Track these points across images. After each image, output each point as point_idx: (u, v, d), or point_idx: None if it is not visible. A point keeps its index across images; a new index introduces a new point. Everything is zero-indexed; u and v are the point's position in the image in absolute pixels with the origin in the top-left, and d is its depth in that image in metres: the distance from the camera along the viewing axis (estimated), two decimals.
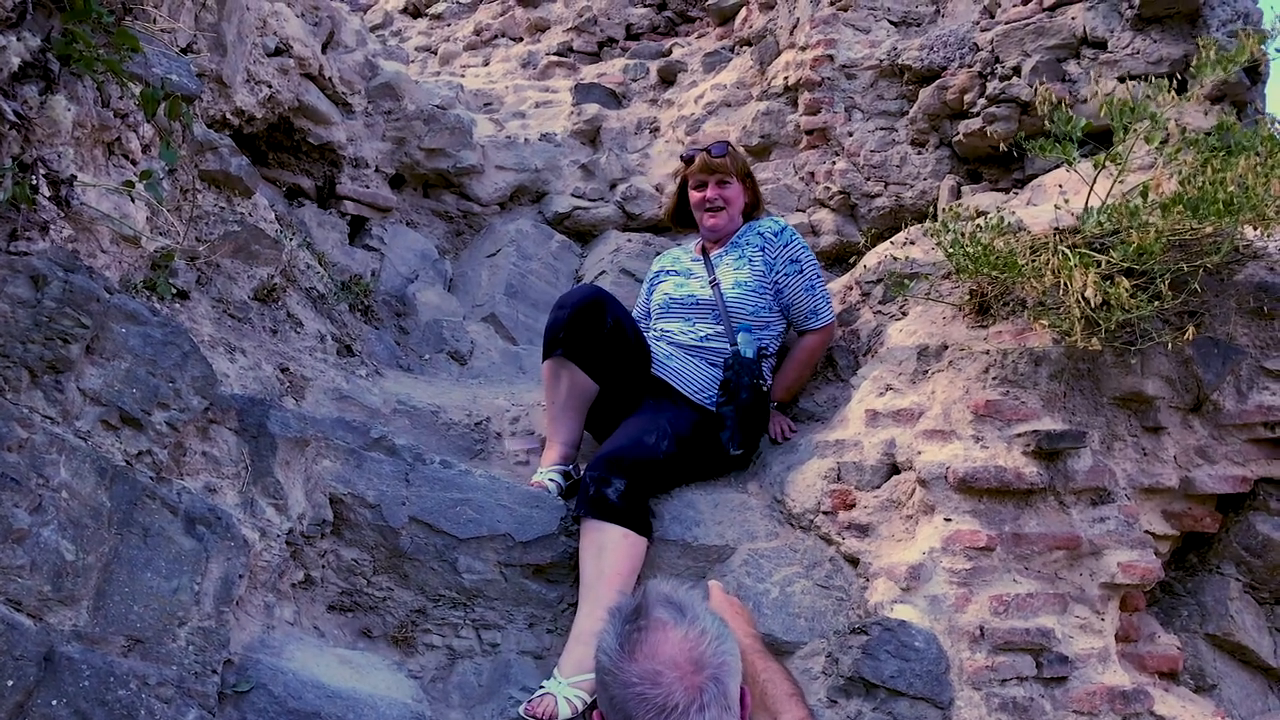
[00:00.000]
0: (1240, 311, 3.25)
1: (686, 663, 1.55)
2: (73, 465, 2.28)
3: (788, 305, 3.58)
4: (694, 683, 1.54)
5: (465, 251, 5.57)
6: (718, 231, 3.66)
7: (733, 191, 3.66)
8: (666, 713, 1.52)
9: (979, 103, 4.70)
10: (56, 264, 2.43)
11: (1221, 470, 3.23)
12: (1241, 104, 4.32)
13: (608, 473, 3.05)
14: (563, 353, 3.41)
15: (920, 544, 3.00)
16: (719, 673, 1.57)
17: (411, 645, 2.99)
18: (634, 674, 1.55)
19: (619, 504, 3.02)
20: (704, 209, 3.66)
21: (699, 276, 3.64)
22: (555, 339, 3.43)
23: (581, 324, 3.41)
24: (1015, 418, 3.08)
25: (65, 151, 2.75)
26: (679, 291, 3.62)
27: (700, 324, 3.55)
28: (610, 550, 2.97)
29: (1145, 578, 3.02)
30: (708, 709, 1.53)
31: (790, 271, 3.55)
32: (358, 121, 5.18)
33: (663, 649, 1.57)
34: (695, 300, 3.57)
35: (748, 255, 3.60)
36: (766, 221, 3.70)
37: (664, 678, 1.54)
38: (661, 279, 3.76)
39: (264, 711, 2.40)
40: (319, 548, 2.95)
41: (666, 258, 3.88)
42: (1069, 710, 2.82)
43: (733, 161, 3.66)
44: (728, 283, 3.55)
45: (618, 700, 1.56)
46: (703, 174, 3.65)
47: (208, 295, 3.41)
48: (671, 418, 3.32)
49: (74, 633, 2.17)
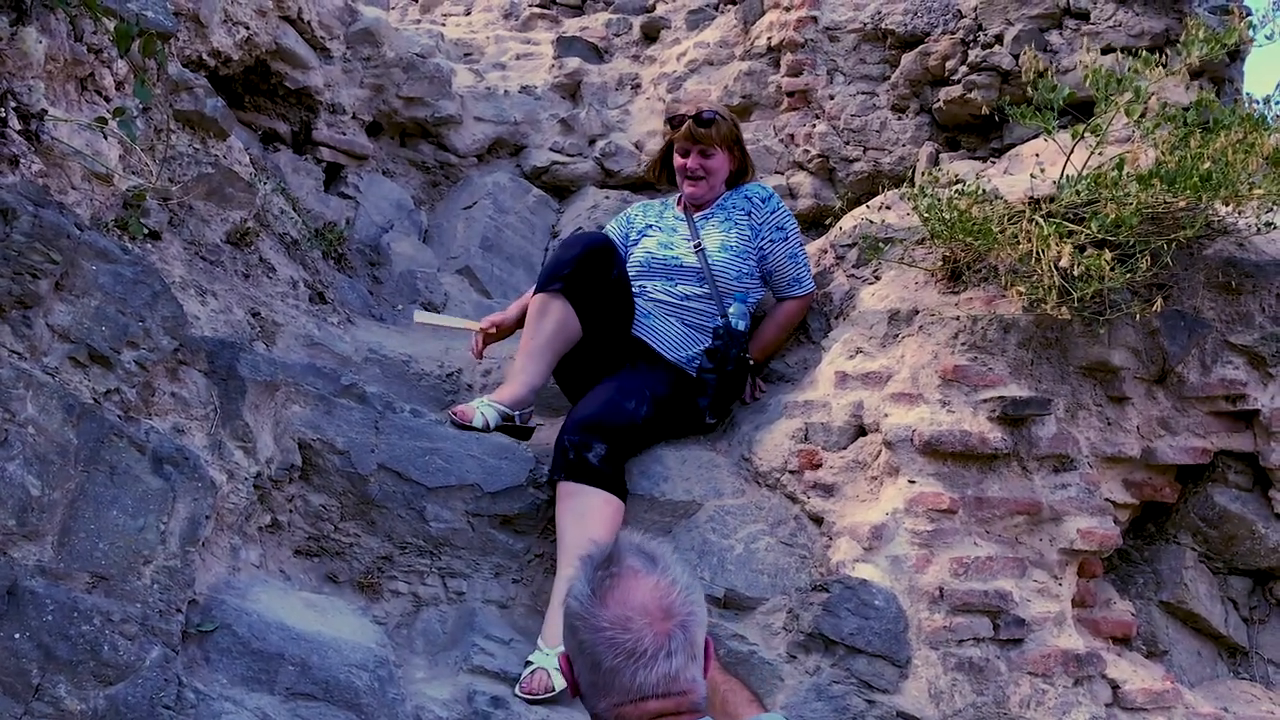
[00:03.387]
0: (1208, 286, 3.29)
1: (656, 610, 1.59)
2: (40, 401, 2.27)
3: (771, 272, 3.57)
4: (663, 629, 1.58)
5: (441, 203, 5.53)
6: (697, 199, 3.63)
7: (716, 162, 3.59)
8: (635, 657, 1.56)
9: (960, 70, 4.70)
10: (26, 198, 2.40)
11: (1182, 441, 3.28)
12: (1220, 80, 4.35)
13: (589, 436, 3.04)
14: (562, 288, 3.33)
15: (884, 505, 3.04)
16: (687, 621, 1.61)
17: (377, 591, 3.00)
18: (604, 619, 1.59)
19: (601, 468, 3.02)
20: (685, 176, 3.62)
21: (682, 237, 3.62)
22: (558, 274, 3.35)
23: (590, 266, 3.36)
24: (982, 383, 3.11)
25: (36, 85, 2.72)
26: (663, 252, 3.58)
27: (682, 284, 3.52)
28: (592, 514, 2.97)
29: (1104, 544, 3.07)
30: (675, 655, 1.57)
31: (776, 239, 3.55)
32: (336, 67, 5.12)
33: (634, 596, 1.60)
34: (679, 263, 3.54)
35: (734, 219, 3.58)
36: (754, 187, 3.68)
37: (634, 623, 1.57)
38: (646, 235, 3.70)
39: (228, 651, 2.41)
40: (286, 492, 2.95)
41: (650, 212, 3.80)
42: (1024, 671, 2.88)
43: (718, 131, 3.57)
44: (713, 246, 3.53)
45: (586, 645, 1.60)
46: (686, 142, 3.58)
47: (180, 237, 3.38)
48: (650, 380, 3.32)
49: (38, 567, 2.17)
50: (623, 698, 1.57)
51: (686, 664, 1.59)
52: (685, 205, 3.70)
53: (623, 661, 1.56)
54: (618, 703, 1.58)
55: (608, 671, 1.57)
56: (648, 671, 1.56)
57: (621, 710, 1.58)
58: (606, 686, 1.58)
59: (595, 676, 1.59)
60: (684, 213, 3.68)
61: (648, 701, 1.57)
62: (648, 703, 1.57)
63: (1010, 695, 2.85)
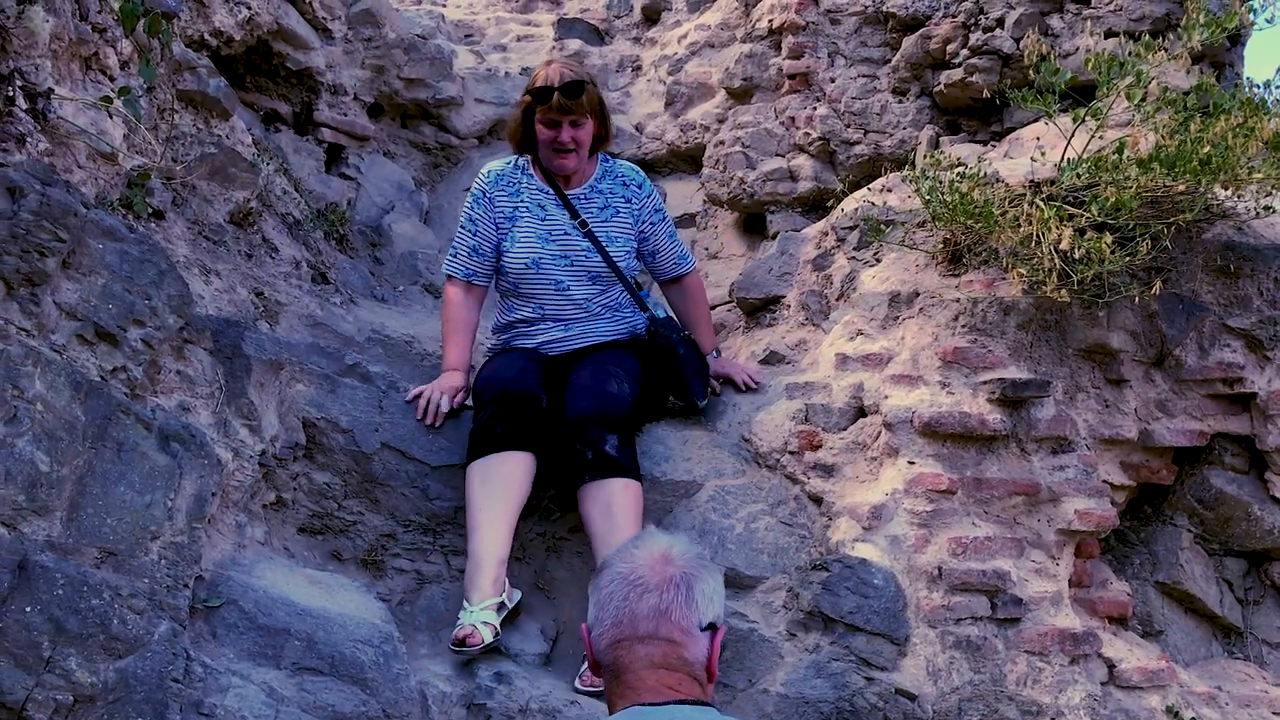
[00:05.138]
0: (1206, 269, 3.31)
1: (661, 558, 1.75)
2: (48, 378, 2.29)
3: (655, 252, 3.52)
4: (664, 572, 1.73)
5: (442, 184, 5.55)
6: (567, 171, 3.38)
7: (585, 132, 3.34)
8: (631, 585, 1.72)
9: (961, 53, 4.70)
10: (34, 176, 2.41)
11: (1180, 424, 3.31)
12: (1221, 65, 4.35)
13: (601, 430, 3.02)
14: (503, 444, 3.02)
15: (883, 485, 3.06)
16: (689, 576, 1.74)
17: (380, 569, 3.03)
18: (619, 564, 1.77)
19: (620, 459, 3.02)
20: (554, 150, 3.32)
21: (559, 221, 3.38)
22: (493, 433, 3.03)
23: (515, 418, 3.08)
24: (982, 365, 3.13)
25: (43, 64, 2.73)
26: (547, 249, 3.34)
27: (576, 288, 3.35)
28: (617, 503, 2.97)
29: (1101, 525, 3.10)
30: (667, 593, 1.71)
31: (655, 220, 3.50)
32: (337, 48, 5.12)
33: (646, 550, 1.78)
34: (570, 262, 3.34)
35: (614, 205, 3.43)
36: (624, 168, 3.54)
37: (638, 562, 1.75)
38: (518, 223, 3.38)
39: (234, 626, 2.44)
40: (291, 470, 2.97)
41: (506, 189, 3.42)
42: (1020, 650, 2.91)
43: (588, 98, 3.32)
44: (605, 237, 3.37)
45: (600, 586, 1.76)
46: (555, 113, 3.27)
47: (183, 216, 3.39)
48: (615, 357, 3.26)
49: (48, 542, 2.20)
50: (618, 631, 1.71)
51: (680, 611, 1.71)
52: (547, 174, 3.42)
53: (620, 586, 1.73)
54: (615, 638, 1.71)
55: (606, 597, 1.74)
56: (639, 599, 1.70)
57: (618, 651, 1.70)
58: (603, 619, 1.73)
59: (599, 612, 1.74)
60: (549, 185, 3.42)
61: (642, 643, 1.69)
62: (641, 645, 1.69)
63: (1007, 673, 2.88)
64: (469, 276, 3.41)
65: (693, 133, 5.59)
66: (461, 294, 3.42)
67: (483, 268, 3.43)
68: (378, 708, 2.42)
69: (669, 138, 5.67)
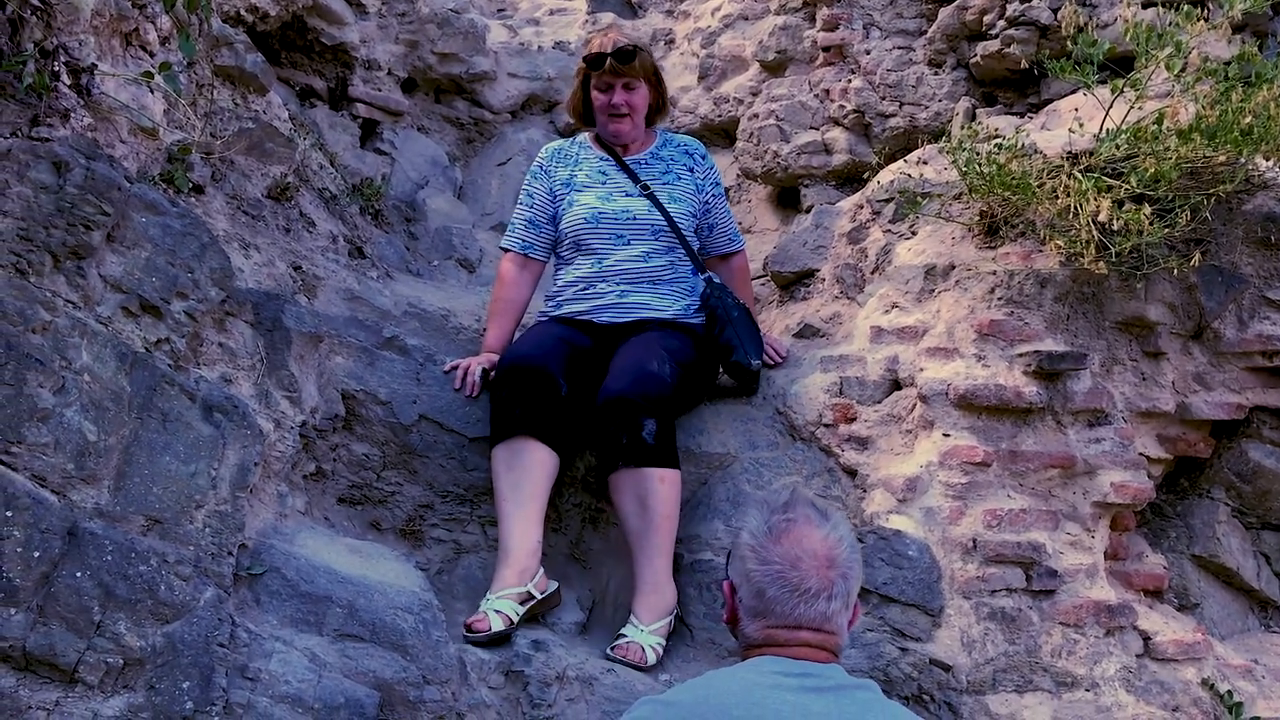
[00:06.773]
0: (1246, 241, 3.28)
1: (824, 558, 1.83)
2: (94, 350, 2.33)
3: (713, 226, 3.51)
4: (827, 576, 1.82)
5: (475, 159, 5.56)
6: (623, 137, 3.41)
7: (639, 96, 3.35)
8: (798, 593, 1.81)
9: (998, 24, 4.65)
10: (79, 151, 2.45)
11: (1218, 397, 3.29)
12: (1263, 34, 4.28)
13: (637, 414, 2.91)
14: (524, 431, 2.95)
15: (918, 458, 3.06)
16: (848, 574, 1.85)
17: (419, 538, 3.07)
18: (775, 555, 1.83)
19: (655, 445, 2.92)
20: (609, 114, 3.36)
21: (620, 186, 3.39)
22: (510, 416, 2.98)
23: (534, 395, 3.00)
24: (1018, 338, 3.12)
25: (85, 40, 2.76)
26: (609, 205, 3.35)
27: (638, 244, 3.33)
28: (653, 495, 2.90)
29: (1137, 498, 3.09)
30: (833, 600, 1.82)
31: (717, 194, 3.51)
32: (371, 23, 5.14)
33: (806, 542, 1.84)
34: (632, 217, 3.34)
35: (675, 172, 3.44)
36: (686, 139, 3.56)
37: (803, 564, 1.82)
38: (576, 189, 3.41)
39: (277, 594, 2.48)
40: (330, 441, 3.01)
41: (565, 161, 3.48)
42: (1055, 621, 2.91)
43: (641, 63, 3.35)
44: (665, 197, 3.37)
45: (755, 575, 1.84)
46: (610, 76, 3.31)
47: (222, 191, 3.43)
48: (663, 339, 3.18)
49: (96, 510, 2.24)
50: (778, 622, 1.82)
51: (840, 610, 1.84)
52: (605, 146, 3.46)
53: (787, 594, 1.81)
54: (773, 625, 1.82)
55: (771, 599, 1.82)
56: (807, 607, 1.81)
57: (774, 633, 1.83)
58: (766, 612, 1.83)
59: (757, 603, 1.84)
60: (608, 155, 3.45)
61: (802, 631, 1.81)
62: (801, 632, 1.81)
63: (1042, 645, 2.88)
64: (525, 249, 3.44)
65: (726, 106, 5.56)
66: (515, 270, 3.43)
67: (539, 239, 3.45)
68: (418, 674, 2.46)
69: (702, 111, 5.65)
